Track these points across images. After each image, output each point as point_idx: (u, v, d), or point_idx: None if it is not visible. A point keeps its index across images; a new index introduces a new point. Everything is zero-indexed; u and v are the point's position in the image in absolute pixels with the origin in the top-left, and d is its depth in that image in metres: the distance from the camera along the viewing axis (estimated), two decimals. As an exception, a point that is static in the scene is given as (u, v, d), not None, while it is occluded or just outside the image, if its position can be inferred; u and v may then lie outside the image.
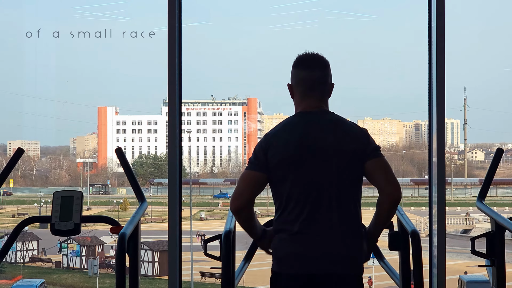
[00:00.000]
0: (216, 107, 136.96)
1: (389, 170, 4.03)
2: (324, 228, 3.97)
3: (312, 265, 3.95)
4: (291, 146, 3.99)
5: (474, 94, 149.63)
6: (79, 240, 46.99)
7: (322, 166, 3.97)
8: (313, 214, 3.97)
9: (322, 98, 4.13)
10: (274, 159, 4.00)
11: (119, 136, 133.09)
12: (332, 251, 3.96)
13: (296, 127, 4.04)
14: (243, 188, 4.04)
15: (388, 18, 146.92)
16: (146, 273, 43.55)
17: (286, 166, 3.99)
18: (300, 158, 3.98)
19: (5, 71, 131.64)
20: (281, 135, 4.04)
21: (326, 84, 4.14)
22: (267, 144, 4.04)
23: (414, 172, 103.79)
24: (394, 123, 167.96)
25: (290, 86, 4.19)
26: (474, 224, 62.92)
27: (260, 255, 4.38)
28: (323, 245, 3.96)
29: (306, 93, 4.11)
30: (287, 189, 4.00)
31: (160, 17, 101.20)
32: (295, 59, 4.16)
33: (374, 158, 4.02)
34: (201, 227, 60.03)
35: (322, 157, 3.97)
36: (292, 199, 4.00)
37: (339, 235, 3.98)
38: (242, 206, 4.04)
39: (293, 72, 4.16)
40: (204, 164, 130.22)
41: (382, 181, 4.00)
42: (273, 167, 4.01)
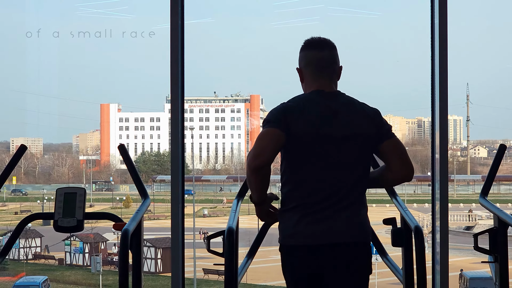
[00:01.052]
0: (219, 104, 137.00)
1: (404, 151, 4.13)
2: (337, 205, 3.99)
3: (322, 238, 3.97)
4: (309, 122, 3.98)
5: (477, 91, 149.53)
6: (82, 237, 47.05)
7: (338, 146, 3.99)
8: (327, 192, 3.99)
9: (332, 79, 4.15)
10: (294, 127, 3.97)
11: (122, 133, 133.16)
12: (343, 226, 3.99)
13: (313, 104, 4.03)
14: (266, 144, 3.94)
15: (390, 14, 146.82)
16: (149, 270, 43.61)
17: (305, 140, 3.98)
18: (318, 136, 3.98)
19: (8, 68, 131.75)
20: (302, 109, 4.01)
21: (336, 64, 4.17)
22: (289, 112, 4.00)
23: (417, 169, 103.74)
24: (397, 119, 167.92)
25: (300, 70, 4.19)
26: (477, 220, 62.89)
27: (263, 252, 4.37)
28: (334, 223, 3.98)
29: (316, 73, 4.12)
30: (302, 165, 4.01)
31: (162, 14, 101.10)
32: (303, 43, 4.17)
33: (388, 140, 4.09)
34: (204, 224, 60.04)
35: (338, 137, 3.99)
36: (306, 175, 4.01)
37: (350, 212, 4.01)
38: (265, 163, 3.92)
39: (302, 54, 4.17)
40: (207, 161, 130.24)
41: (399, 162, 4.09)
42: (293, 135, 3.98)
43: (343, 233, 3.99)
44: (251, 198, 4.18)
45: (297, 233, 4.02)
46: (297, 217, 4.03)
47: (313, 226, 3.99)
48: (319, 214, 3.99)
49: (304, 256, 4.01)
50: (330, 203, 4.00)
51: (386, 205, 64.74)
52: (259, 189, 4.07)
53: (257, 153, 3.92)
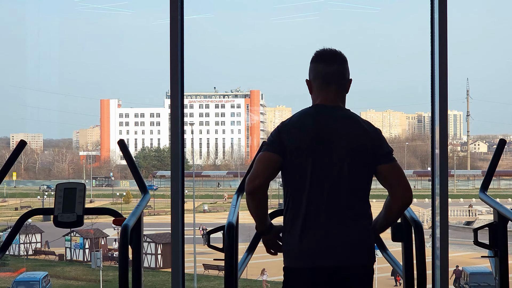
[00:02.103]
0: (219, 100, 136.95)
1: (402, 175, 4.08)
2: (335, 223, 3.98)
3: (323, 258, 3.96)
4: (306, 137, 3.99)
5: (477, 86, 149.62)
6: (82, 232, 47.07)
7: (335, 161, 3.98)
8: (324, 207, 3.98)
9: (339, 93, 4.14)
10: (289, 146, 4.00)
11: (122, 129, 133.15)
12: (343, 245, 3.97)
13: (311, 119, 4.04)
14: (261, 168, 4.01)
15: (390, 9, 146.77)
16: (149, 266, 43.63)
17: (300, 156, 3.99)
18: (314, 150, 3.98)
19: (8, 64, 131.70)
20: (297, 125, 4.04)
21: (344, 78, 4.15)
22: (283, 131, 4.04)
23: (417, 164, 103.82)
24: (397, 115, 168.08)
25: (309, 82, 4.19)
26: (477, 215, 62.90)
27: (263, 248, 4.37)
28: (334, 239, 3.96)
29: (323, 86, 4.12)
30: (297, 182, 4.01)
31: (162, 9, 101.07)
32: (314, 54, 4.16)
33: (388, 164, 4.05)
34: (204, 220, 60.05)
35: (335, 152, 3.98)
36: (302, 193, 4.00)
37: (349, 229, 3.99)
38: (259, 187, 3.99)
39: (311, 67, 4.17)
40: (207, 157, 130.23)
41: (395, 186, 4.05)
42: (289, 153, 4.00)
43: (344, 255, 3.97)
44: (256, 228, 4.22)
45: (297, 254, 4.02)
46: (296, 237, 4.02)
47: (313, 247, 3.98)
48: (318, 235, 3.98)
49: (302, 279, 4.00)
50: (329, 220, 3.98)
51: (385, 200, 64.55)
52: (258, 214, 4.10)
53: (252, 177, 4.01)
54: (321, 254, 3.96)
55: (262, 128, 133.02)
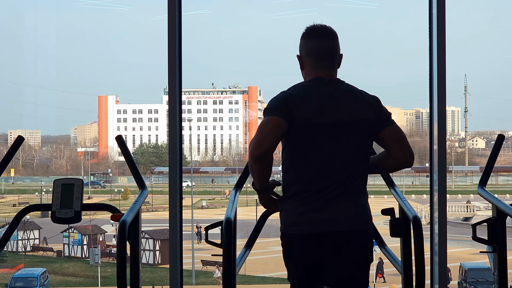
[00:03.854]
0: (217, 96, 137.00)
1: (404, 137, 4.14)
2: (338, 193, 3.99)
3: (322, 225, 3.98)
4: (310, 110, 3.98)
5: (475, 82, 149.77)
6: (81, 229, 47.07)
7: (339, 133, 3.99)
8: (327, 179, 3.99)
9: (332, 68, 4.14)
10: (296, 117, 3.97)
11: (120, 125, 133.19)
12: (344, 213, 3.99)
13: (315, 91, 4.04)
14: (268, 131, 3.94)
15: (388, 5, 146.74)
16: (148, 262, 43.64)
17: (305, 128, 3.98)
18: (318, 124, 3.98)
19: (5, 60, 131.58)
20: (304, 97, 4.01)
21: (336, 53, 4.16)
22: (291, 101, 4.00)
23: (415, 160, 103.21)
24: (395, 111, 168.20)
25: (300, 58, 4.18)
26: (475, 211, 62.96)
27: (261, 243, 4.37)
28: (335, 208, 3.99)
29: (317, 63, 4.12)
30: (303, 152, 4.01)
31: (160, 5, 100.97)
32: (304, 30, 4.15)
33: (388, 127, 4.09)
34: (202, 216, 60.07)
35: (338, 124, 3.99)
36: (307, 163, 4.01)
37: (350, 198, 4.01)
38: (267, 151, 3.92)
39: (303, 42, 4.16)
40: (205, 153, 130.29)
41: (398, 149, 4.11)
42: (295, 122, 3.98)
43: (343, 221, 3.99)
44: (253, 185, 4.17)
45: (298, 221, 4.02)
46: (297, 205, 4.03)
47: (314, 215, 3.99)
48: (320, 203, 3.99)
49: (304, 245, 4.02)
50: (331, 191, 3.99)
51: (384, 196, 64.77)
52: (262, 177, 4.06)
53: (259, 141, 3.91)
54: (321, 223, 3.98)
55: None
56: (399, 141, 4.11)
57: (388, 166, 4.20)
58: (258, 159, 3.94)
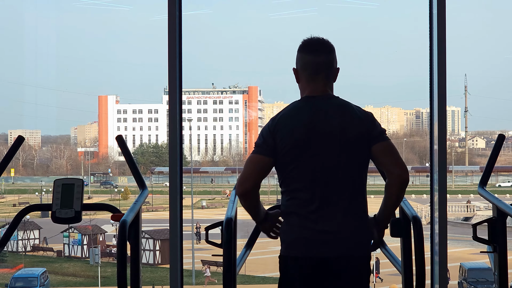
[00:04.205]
0: (217, 96, 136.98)
1: (395, 152, 4.05)
2: (332, 212, 3.97)
3: (319, 248, 3.95)
4: (298, 130, 3.99)
5: (475, 82, 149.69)
6: (81, 229, 47.04)
7: (329, 151, 3.98)
8: (321, 198, 3.97)
9: (327, 82, 4.12)
10: (282, 142, 4.00)
11: (120, 125, 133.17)
12: (340, 235, 3.96)
13: (302, 111, 4.04)
14: (250, 172, 4.03)
15: (389, 5, 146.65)
16: (148, 262, 43.62)
17: (294, 150, 3.99)
18: (308, 142, 3.98)
19: (5, 60, 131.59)
20: (288, 120, 4.03)
21: (331, 68, 4.14)
22: (275, 128, 4.04)
23: (415, 160, 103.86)
24: (395, 111, 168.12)
25: (296, 71, 4.18)
26: (475, 211, 62.93)
27: (261, 243, 4.37)
28: (331, 229, 3.96)
29: (311, 77, 4.11)
30: (295, 174, 4.01)
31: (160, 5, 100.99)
32: (301, 43, 4.15)
33: (380, 142, 4.02)
34: (202, 216, 60.04)
35: (329, 141, 3.98)
36: (300, 183, 4.00)
37: (347, 219, 3.98)
38: (249, 190, 4.03)
39: (299, 56, 4.15)
40: (205, 153, 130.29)
41: (390, 164, 4.01)
42: (281, 150, 4.00)
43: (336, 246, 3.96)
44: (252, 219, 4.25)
45: (292, 244, 4.02)
46: (292, 227, 4.03)
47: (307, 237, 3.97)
48: (313, 224, 3.97)
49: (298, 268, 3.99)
50: (324, 211, 3.97)
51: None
52: (252, 211, 4.14)
53: (242, 180, 4.04)
54: (317, 245, 3.95)
55: (260, 124, 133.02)
56: (391, 155, 4.02)
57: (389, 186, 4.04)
58: (242, 197, 4.08)
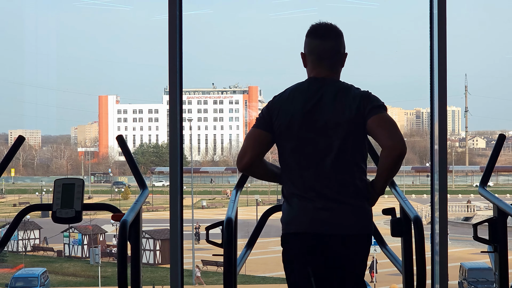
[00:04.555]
0: (217, 96, 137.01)
1: (391, 124, 3.96)
2: (331, 193, 3.97)
3: (318, 225, 3.96)
4: (295, 112, 4.00)
5: (475, 81, 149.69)
6: (81, 229, 47.05)
7: (325, 133, 3.98)
8: (316, 180, 3.97)
9: (333, 67, 4.12)
10: (277, 122, 4.02)
11: (120, 125, 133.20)
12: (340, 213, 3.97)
13: (302, 93, 4.04)
14: (248, 146, 4.06)
15: (389, 4, 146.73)
16: (148, 262, 43.63)
17: (289, 132, 4.00)
18: (303, 124, 3.98)
19: (6, 60, 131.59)
20: (287, 100, 4.05)
21: (338, 53, 4.14)
22: (273, 107, 4.06)
23: (415, 160, 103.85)
24: (395, 111, 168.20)
25: (303, 55, 4.18)
26: (476, 211, 62.94)
27: (262, 243, 4.36)
28: (330, 208, 3.96)
29: (317, 62, 4.11)
30: (290, 155, 4.02)
31: (160, 5, 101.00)
32: (309, 28, 4.15)
33: (374, 115, 3.97)
34: (202, 216, 60.04)
35: (325, 124, 3.98)
36: (295, 165, 4.01)
37: (346, 199, 3.98)
38: (249, 164, 4.04)
39: (306, 41, 4.16)
40: (205, 153, 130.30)
41: (384, 136, 3.93)
42: (277, 130, 4.03)
43: (333, 224, 3.97)
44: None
45: (290, 222, 4.04)
46: (290, 206, 4.05)
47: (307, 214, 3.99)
48: (310, 203, 3.98)
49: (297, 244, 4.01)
50: (318, 192, 3.98)
51: (384, 195, 64.52)
52: (266, 179, 4.19)
53: (241, 155, 4.07)
54: (317, 222, 3.96)
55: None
56: (384, 127, 3.94)
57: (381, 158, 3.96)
58: (244, 172, 4.13)
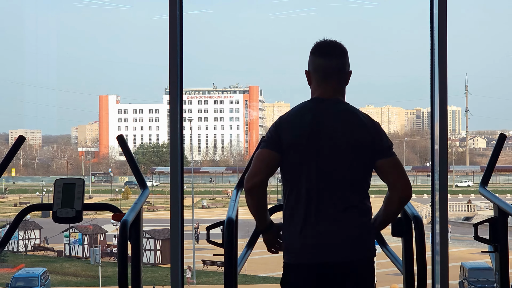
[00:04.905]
0: (218, 96, 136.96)
1: (401, 168, 4.01)
2: (334, 217, 3.94)
3: (322, 254, 3.91)
4: (302, 132, 3.96)
5: (476, 81, 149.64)
6: (81, 228, 47.04)
7: (332, 156, 3.94)
8: (323, 204, 3.94)
9: (338, 86, 4.09)
10: (286, 141, 3.97)
11: (121, 125, 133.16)
12: (343, 240, 3.93)
13: (309, 113, 4.00)
14: (260, 166, 3.99)
15: (389, 4, 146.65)
16: (148, 261, 43.62)
17: (298, 153, 3.96)
18: (311, 144, 3.95)
19: (6, 60, 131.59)
20: (294, 120, 4.01)
21: (343, 72, 4.11)
22: (281, 125, 4.02)
23: (415, 160, 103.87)
24: (395, 110, 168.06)
25: (308, 73, 4.14)
26: (476, 211, 62.91)
27: (262, 243, 4.35)
28: (333, 235, 3.93)
29: (322, 81, 4.07)
30: (296, 177, 3.98)
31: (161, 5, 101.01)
32: (313, 45, 4.12)
33: (387, 158, 3.98)
34: (203, 216, 60.01)
35: (332, 146, 3.94)
36: (301, 188, 3.96)
37: (349, 224, 3.95)
38: (258, 185, 3.97)
39: (311, 58, 4.12)
40: (206, 153, 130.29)
41: (393, 179, 3.97)
42: (286, 150, 3.98)
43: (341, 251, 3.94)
44: (256, 226, 4.20)
45: (295, 251, 3.99)
46: (293, 234, 4.00)
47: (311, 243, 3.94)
48: (317, 230, 3.94)
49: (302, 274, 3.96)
50: (325, 216, 3.94)
51: (385, 196, 64.46)
52: (258, 211, 4.07)
53: (251, 174, 3.99)
54: (321, 250, 3.92)
55: (261, 124, 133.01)
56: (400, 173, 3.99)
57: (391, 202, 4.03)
58: (249, 192, 4.00)
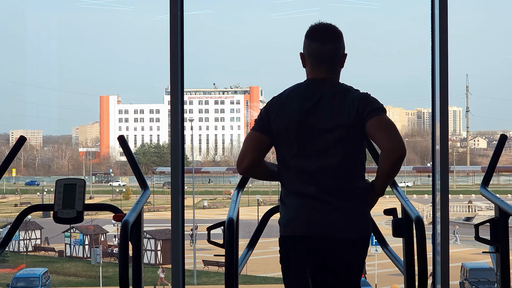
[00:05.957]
0: (218, 96, 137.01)
1: (390, 127, 3.93)
2: (328, 196, 3.94)
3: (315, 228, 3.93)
4: (293, 114, 3.98)
5: (477, 82, 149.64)
6: (82, 229, 47.07)
7: (323, 135, 3.95)
8: (314, 182, 3.95)
9: (332, 69, 4.09)
10: (275, 124, 4.00)
11: (121, 125, 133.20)
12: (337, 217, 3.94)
13: (301, 94, 4.02)
14: (247, 150, 4.05)
15: (391, 5, 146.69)
16: (149, 262, 43.64)
17: (287, 133, 3.98)
18: (301, 126, 3.96)
19: (7, 60, 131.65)
20: (285, 102, 4.02)
21: (337, 56, 4.10)
22: (271, 109, 4.04)
23: (416, 160, 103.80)
24: (396, 111, 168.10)
25: (303, 55, 4.15)
26: (477, 211, 62.92)
27: (263, 243, 4.35)
28: (327, 211, 3.94)
29: (316, 65, 4.08)
30: (288, 157, 4.00)
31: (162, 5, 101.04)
32: (308, 28, 4.12)
33: (372, 118, 3.93)
34: (203, 216, 60.01)
35: (324, 126, 3.95)
36: (293, 167, 3.99)
37: (343, 202, 3.95)
38: (248, 167, 4.03)
39: (305, 42, 4.12)
40: (207, 153, 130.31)
41: (383, 139, 3.90)
42: (275, 132, 4.01)
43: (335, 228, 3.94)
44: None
45: (287, 224, 4.02)
46: (287, 207, 4.03)
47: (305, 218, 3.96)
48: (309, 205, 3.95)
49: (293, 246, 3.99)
50: (316, 194, 3.95)
51: (386, 196, 64.55)
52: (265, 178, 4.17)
53: (240, 158, 4.06)
54: (313, 225, 3.93)
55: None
56: (383, 130, 3.90)
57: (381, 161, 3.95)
58: (244, 174, 4.10)
